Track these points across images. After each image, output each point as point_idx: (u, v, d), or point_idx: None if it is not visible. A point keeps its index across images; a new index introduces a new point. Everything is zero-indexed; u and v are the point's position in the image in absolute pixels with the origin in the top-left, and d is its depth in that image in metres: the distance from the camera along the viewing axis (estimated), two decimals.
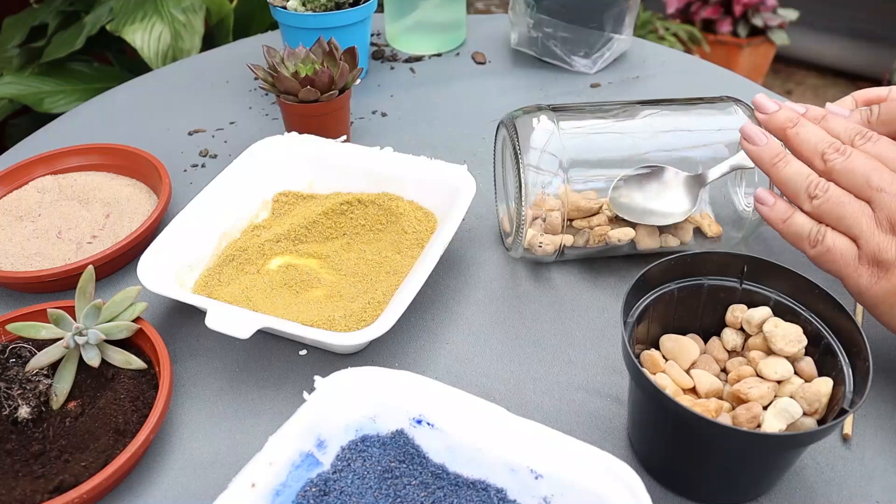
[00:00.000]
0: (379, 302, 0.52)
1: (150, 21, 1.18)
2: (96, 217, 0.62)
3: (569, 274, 0.58)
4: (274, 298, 0.54)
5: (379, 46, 0.93)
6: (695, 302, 0.45)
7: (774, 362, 0.41)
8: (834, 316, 0.41)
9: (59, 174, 0.67)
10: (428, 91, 0.84)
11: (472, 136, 0.75)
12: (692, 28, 2.18)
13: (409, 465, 0.41)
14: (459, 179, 0.59)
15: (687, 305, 0.45)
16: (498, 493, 0.40)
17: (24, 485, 0.42)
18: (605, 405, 0.48)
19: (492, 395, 0.49)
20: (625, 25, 0.84)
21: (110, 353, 0.47)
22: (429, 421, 0.42)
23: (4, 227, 0.61)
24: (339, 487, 0.40)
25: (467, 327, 0.54)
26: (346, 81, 0.68)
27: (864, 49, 2.41)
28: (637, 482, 0.37)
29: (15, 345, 0.47)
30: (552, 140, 0.53)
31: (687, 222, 0.55)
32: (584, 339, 0.53)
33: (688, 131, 0.56)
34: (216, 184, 0.59)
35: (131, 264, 0.59)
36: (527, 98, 0.82)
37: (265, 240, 0.58)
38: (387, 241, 0.59)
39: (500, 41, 0.94)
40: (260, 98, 0.83)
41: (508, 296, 0.56)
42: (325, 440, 0.41)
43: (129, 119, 0.80)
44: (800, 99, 2.46)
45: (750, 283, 0.44)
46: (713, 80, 0.85)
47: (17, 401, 0.44)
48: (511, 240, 0.57)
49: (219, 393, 0.50)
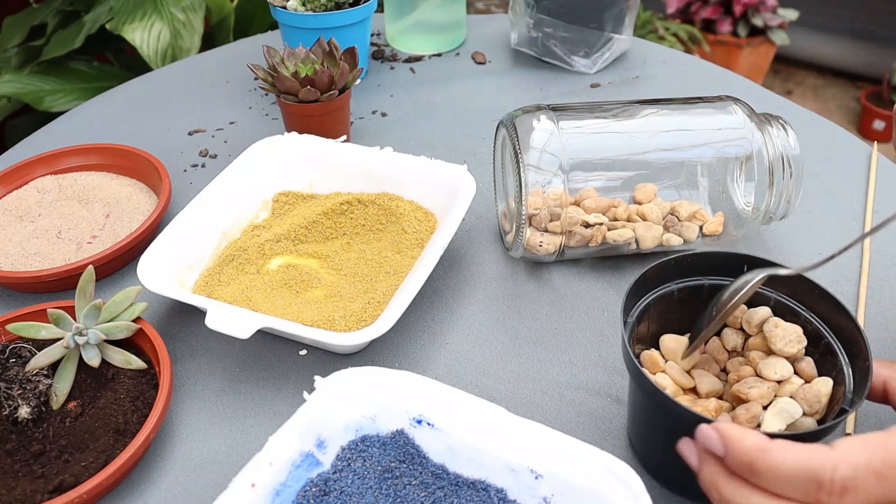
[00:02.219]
0: (379, 302, 0.52)
1: (149, 20, 1.18)
2: (96, 217, 0.62)
3: (569, 274, 0.58)
4: (274, 298, 0.54)
5: (379, 46, 0.93)
6: (695, 302, 0.45)
7: (774, 362, 0.41)
8: (834, 316, 0.41)
9: (59, 174, 0.67)
10: (428, 91, 0.84)
11: (472, 136, 0.75)
12: (692, 28, 2.19)
13: (409, 465, 0.41)
14: (459, 179, 0.59)
15: (687, 305, 0.45)
16: (498, 493, 0.40)
17: (24, 485, 0.42)
18: (605, 405, 0.48)
19: (492, 395, 0.49)
20: (625, 25, 0.84)
21: (110, 353, 0.47)
22: (429, 421, 0.42)
23: (4, 227, 0.61)
24: (339, 487, 0.40)
25: (467, 327, 0.54)
26: (346, 81, 0.68)
27: (864, 49, 2.41)
28: (637, 482, 0.37)
29: (15, 345, 0.47)
30: (552, 140, 0.53)
31: (690, 221, 0.55)
32: (584, 339, 0.53)
33: (688, 131, 0.56)
34: (216, 184, 0.59)
35: (131, 264, 0.59)
36: (527, 98, 0.82)
37: (265, 240, 0.58)
38: (387, 241, 0.59)
39: (500, 41, 0.94)
40: (260, 98, 0.83)
41: (508, 295, 0.57)
42: (325, 440, 0.41)
43: (129, 119, 0.80)
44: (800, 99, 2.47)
45: None
46: (713, 80, 0.86)
47: (17, 401, 0.44)
48: (511, 239, 0.57)
49: (219, 393, 0.50)
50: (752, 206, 0.54)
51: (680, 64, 0.89)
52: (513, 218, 0.56)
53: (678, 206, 0.55)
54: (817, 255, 0.60)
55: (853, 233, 0.62)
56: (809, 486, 0.32)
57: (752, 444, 0.33)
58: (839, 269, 0.58)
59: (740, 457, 0.33)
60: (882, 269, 0.58)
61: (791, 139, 0.55)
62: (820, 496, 0.32)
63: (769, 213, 0.56)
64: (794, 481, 0.32)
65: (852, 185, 0.67)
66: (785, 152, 0.54)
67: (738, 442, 0.33)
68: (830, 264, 0.58)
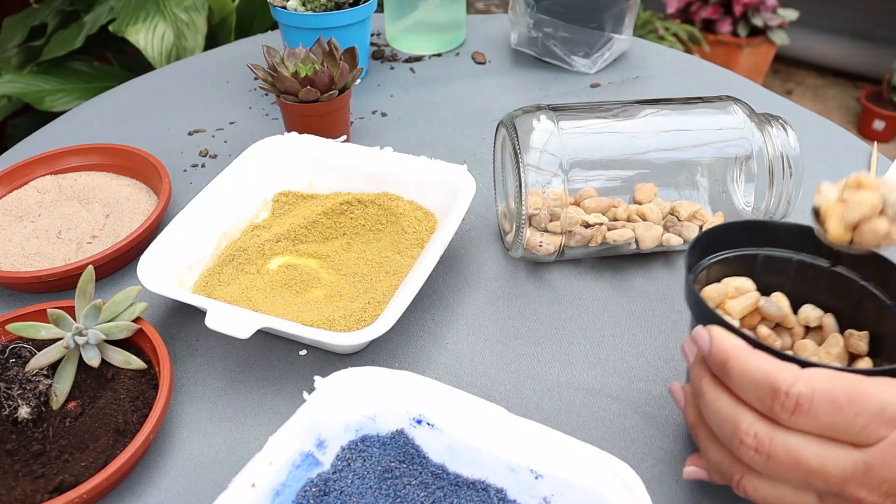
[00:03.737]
0: (379, 302, 0.52)
1: (152, 21, 1.18)
2: (96, 217, 0.62)
3: (569, 274, 0.58)
4: (274, 298, 0.54)
5: (379, 46, 0.93)
6: (780, 276, 0.44)
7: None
8: None
9: (59, 174, 0.67)
10: (428, 91, 0.84)
11: (472, 136, 0.75)
12: (692, 28, 2.19)
13: (409, 465, 0.41)
14: (459, 179, 0.59)
15: (772, 273, 0.44)
16: (498, 493, 0.40)
17: (24, 485, 0.42)
18: (604, 405, 0.48)
19: (492, 395, 0.49)
20: (625, 25, 0.84)
21: (110, 353, 0.47)
22: (429, 421, 0.42)
23: (4, 227, 0.61)
24: (339, 487, 0.40)
25: (467, 327, 0.54)
26: (346, 81, 0.68)
27: (864, 49, 2.41)
28: (637, 482, 0.37)
29: (15, 345, 0.47)
30: (552, 140, 0.53)
31: (690, 221, 0.55)
32: (584, 339, 0.53)
33: (688, 131, 0.56)
34: (216, 184, 0.59)
35: (131, 264, 0.59)
36: (527, 98, 0.82)
37: (265, 240, 0.58)
38: (387, 241, 0.59)
39: (500, 41, 0.94)
40: (260, 98, 0.83)
41: (508, 295, 0.57)
42: (325, 440, 0.41)
43: (129, 119, 0.80)
44: (800, 99, 2.47)
45: (840, 268, 0.43)
46: (713, 80, 0.86)
47: (17, 401, 0.44)
48: (511, 239, 0.57)
49: (219, 393, 0.50)
50: (752, 206, 0.54)
51: (680, 64, 0.89)
52: (513, 218, 0.56)
53: (678, 206, 0.55)
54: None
55: None
56: (766, 395, 0.33)
57: (731, 345, 0.35)
58: None
59: (718, 356, 0.35)
60: None
61: (791, 139, 0.55)
62: (774, 406, 0.32)
63: (769, 213, 0.56)
64: (755, 386, 0.33)
65: None
66: (785, 152, 0.54)
67: (720, 342, 0.35)
68: None
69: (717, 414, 0.35)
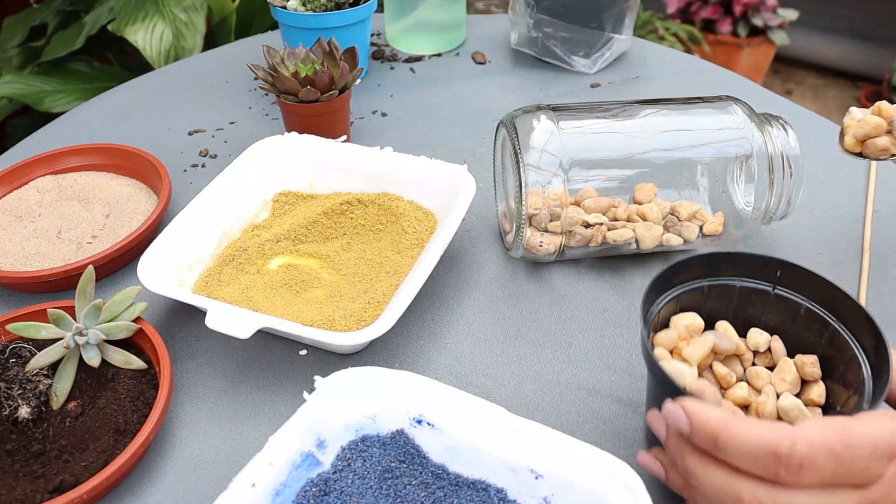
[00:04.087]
0: (379, 302, 0.52)
1: (151, 21, 1.18)
2: (96, 217, 0.62)
3: (569, 274, 0.58)
4: (274, 298, 0.54)
5: (379, 46, 0.93)
6: (725, 303, 0.44)
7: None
8: (862, 330, 0.40)
9: (59, 174, 0.67)
10: (428, 91, 0.84)
11: (472, 136, 0.75)
12: (692, 28, 2.18)
13: (409, 465, 0.41)
14: (459, 179, 0.59)
15: (718, 300, 0.44)
16: (498, 493, 0.40)
17: (24, 485, 0.42)
18: (604, 405, 0.48)
19: (492, 395, 0.49)
20: (625, 25, 0.84)
21: (110, 353, 0.47)
22: (429, 421, 0.42)
23: (4, 227, 0.61)
24: (339, 487, 0.40)
25: (467, 327, 0.54)
26: (346, 81, 0.68)
27: (864, 49, 2.41)
28: (637, 482, 0.37)
29: (15, 345, 0.47)
30: (552, 140, 0.53)
31: (690, 221, 0.55)
32: (584, 339, 0.53)
33: (688, 131, 0.56)
34: (216, 184, 0.59)
35: (131, 264, 0.59)
36: (527, 98, 0.82)
37: (265, 240, 0.58)
38: (387, 241, 0.59)
39: (500, 41, 0.94)
40: (260, 98, 0.83)
41: (508, 295, 0.56)
42: (325, 440, 0.41)
43: (129, 119, 0.80)
44: (800, 99, 2.47)
45: (783, 289, 0.44)
46: (713, 80, 0.85)
47: (18, 401, 0.44)
48: (511, 239, 0.57)
49: (219, 393, 0.50)
50: (752, 206, 0.54)
51: (680, 64, 0.89)
52: (513, 218, 0.56)
53: (678, 206, 0.55)
54: (817, 254, 0.60)
55: (853, 233, 0.62)
56: (769, 461, 0.32)
57: (717, 418, 0.34)
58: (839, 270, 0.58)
59: (705, 431, 0.34)
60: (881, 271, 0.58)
61: (791, 139, 0.55)
62: (779, 471, 0.32)
63: (769, 213, 0.56)
64: (754, 456, 0.33)
65: (852, 185, 0.67)
66: (785, 152, 0.54)
67: (703, 416, 0.34)
68: (832, 266, 0.58)
69: (712, 489, 0.34)
